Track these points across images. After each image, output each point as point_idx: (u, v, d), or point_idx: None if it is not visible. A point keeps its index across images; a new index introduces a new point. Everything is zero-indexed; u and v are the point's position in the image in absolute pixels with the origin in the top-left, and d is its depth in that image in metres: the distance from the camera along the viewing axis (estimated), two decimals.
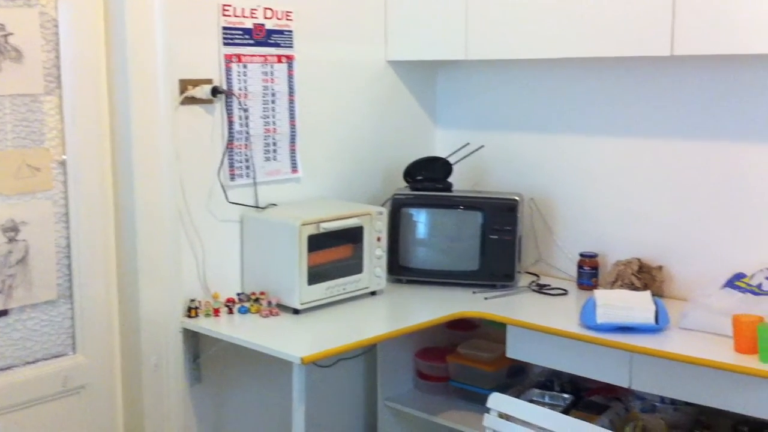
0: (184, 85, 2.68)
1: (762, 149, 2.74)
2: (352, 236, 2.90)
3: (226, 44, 2.79)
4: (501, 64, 3.33)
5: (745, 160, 2.78)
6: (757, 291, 2.54)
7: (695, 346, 2.42)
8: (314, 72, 3.08)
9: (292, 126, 3.02)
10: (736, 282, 2.60)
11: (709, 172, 2.87)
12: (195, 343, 2.78)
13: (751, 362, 2.29)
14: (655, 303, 2.64)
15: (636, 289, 2.86)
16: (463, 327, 3.31)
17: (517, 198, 3.08)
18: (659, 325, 2.54)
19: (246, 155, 2.88)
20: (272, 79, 2.94)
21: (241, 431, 2.98)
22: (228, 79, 2.80)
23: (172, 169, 2.66)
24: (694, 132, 2.89)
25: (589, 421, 2.29)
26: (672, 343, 2.48)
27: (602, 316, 2.57)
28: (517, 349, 2.78)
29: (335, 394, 3.28)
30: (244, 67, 2.84)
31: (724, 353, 2.36)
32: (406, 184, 3.25)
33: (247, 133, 2.87)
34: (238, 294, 2.83)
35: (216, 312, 2.74)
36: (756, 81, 2.73)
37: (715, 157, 2.85)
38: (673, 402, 2.75)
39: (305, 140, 3.07)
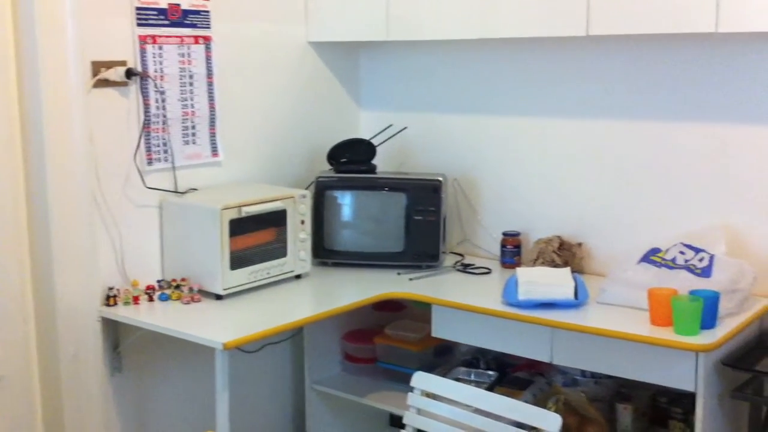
0: (97, 67, 2.61)
1: (675, 128, 2.81)
2: (275, 220, 2.87)
3: (140, 25, 2.71)
4: (423, 46, 3.33)
5: (660, 139, 2.85)
6: (671, 265, 2.61)
7: (613, 320, 2.48)
8: (233, 53, 3.02)
9: (212, 109, 2.97)
10: (651, 257, 2.67)
11: (625, 150, 2.92)
12: (114, 332, 2.72)
13: (666, 334, 2.35)
14: (575, 279, 2.69)
15: (557, 266, 2.90)
16: (390, 308, 3.32)
17: (440, 179, 3.09)
18: (578, 301, 2.59)
19: (164, 139, 2.82)
20: (189, 60, 2.87)
21: (165, 420, 2.93)
22: (143, 60, 2.73)
23: (85, 154, 2.59)
24: (611, 112, 2.94)
25: (513, 397, 2.33)
26: (591, 317, 2.53)
27: (524, 294, 2.60)
28: (442, 329, 2.80)
29: (262, 379, 3.26)
30: (160, 48, 2.77)
31: (641, 326, 2.42)
32: (329, 167, 3.23)
33: (164, 116, 2.81)
34: (159, 281, 2.78)
35: (136, 300, 2.68)
36: (672, 60, 2.79)
37: (631, 136, 2.90)
38: (594, 375, 2.81)
39: (226, 123, 3.01)
